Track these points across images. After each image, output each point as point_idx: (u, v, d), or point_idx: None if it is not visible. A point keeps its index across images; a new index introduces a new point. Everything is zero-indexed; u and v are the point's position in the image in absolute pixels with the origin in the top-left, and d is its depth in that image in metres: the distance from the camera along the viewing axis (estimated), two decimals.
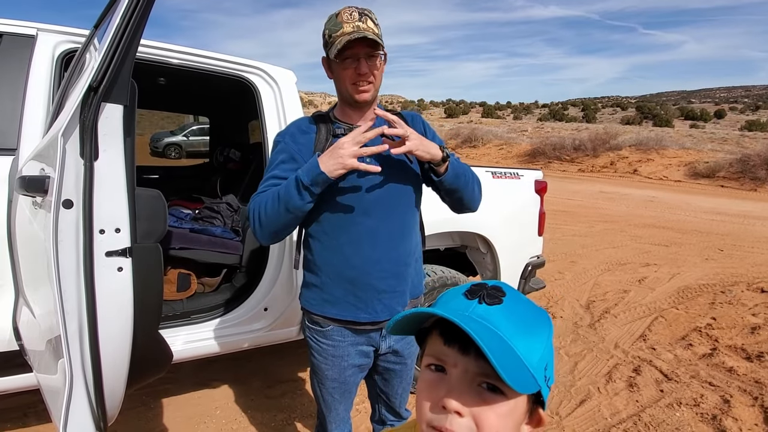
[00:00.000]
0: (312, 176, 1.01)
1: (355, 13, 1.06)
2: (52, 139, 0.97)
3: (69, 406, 0.96)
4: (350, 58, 1.07)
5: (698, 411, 2.13)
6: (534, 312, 0.50)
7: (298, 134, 1.17)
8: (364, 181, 1.12)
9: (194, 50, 1.88)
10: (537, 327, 0.48)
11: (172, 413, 2.05)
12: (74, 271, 0.94)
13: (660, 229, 6.57)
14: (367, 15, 1.08)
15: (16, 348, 1.44)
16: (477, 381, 0.46)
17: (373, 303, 1.14)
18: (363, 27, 1.05)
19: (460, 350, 0.47)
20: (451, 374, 0.47)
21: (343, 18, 1.06)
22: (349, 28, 1.04)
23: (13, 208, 1.43)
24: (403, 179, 1.17)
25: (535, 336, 0.47)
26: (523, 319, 0.48)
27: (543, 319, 0.50)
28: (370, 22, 1.07)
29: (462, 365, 0.47)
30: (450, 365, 0.47)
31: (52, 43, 1.59)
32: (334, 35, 1.05)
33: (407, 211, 1.20)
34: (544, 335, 0.48)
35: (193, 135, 12.51)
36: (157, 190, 1.22)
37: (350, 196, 1.12)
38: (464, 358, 0.46)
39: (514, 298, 0.49)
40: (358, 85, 1.09)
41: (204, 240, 2.16)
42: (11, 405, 1.98)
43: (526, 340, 0.45)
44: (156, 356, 1.20)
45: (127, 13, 0.91)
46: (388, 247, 1.14)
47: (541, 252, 2.72)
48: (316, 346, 1.21)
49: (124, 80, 0.92)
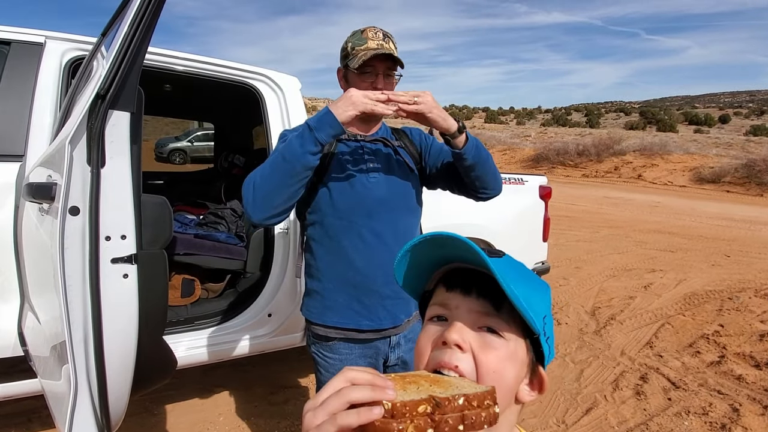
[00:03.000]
0: (319, 117, 0.96)
1: (380, 33, 1.14)
2: (59, 146, 0.98)
3: (73, 413, 0.96)
4: (370, 72, 1.11)
5: (707, 420, 2.10)
6: (532, 274, 0.52)
7: None
8: (368, 183, 1.13)
9: (199, 57, 1.90)
10: (535, 282, 0.50)
11: (175, 419, 2.04)
12: (80, 278, 0.94)
13: (665, 234, 6.52)
14: (389, 37, 1.15)
15: (21, 353, 1.44)
16: (478, 322, 0.47)
17: (377, 309, 1.13)
18: (386, 46, 1.12)
19: (462, 292, 0.48)
20: (453, 315, 0.48)
21: (368, 35, 1.12)
22: (373, 45, 1.11)
23: (19, 214, 1.44)
24: (406, 182, 1.19)
25: (533, 287, 0.48)
26: (523, 272, 0.49)
27: (541, 280, 0.52)
28: (392, 44, 1.14)
29: (464, 305, 0.48)
30: (452, 308, 0.48)
31: (59, 50, 1.61)
32: (358, 48, 1.11)
33: (410, 214, 1.21)
34: (542, 290, 0.50)
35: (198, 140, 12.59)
36: (162, 197, 1.23)
37: (354, 199, 1.12)
38: (466, 299, 0.48)
39: (512, 259, 0.51)
40: None
41: (208, 245, 2.17)
42: (16, 410, 1.98)
43: (525, 287, 0.46)
44: (161, 363, 1.20)
45: (135, 22, 0.92)
46: (392, 252, 1.13)
47: (546, 258, 2.71)
48: (322, 362, 1.18)
49: (131, 88, 0.93)
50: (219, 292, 2.21)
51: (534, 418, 2.13)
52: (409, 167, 1.21)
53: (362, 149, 1.17)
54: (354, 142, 1.17)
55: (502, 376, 0.45)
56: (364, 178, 1.14)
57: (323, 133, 0.96)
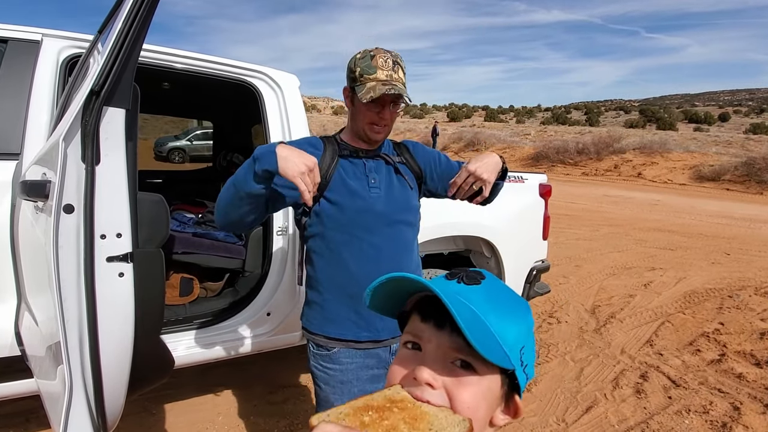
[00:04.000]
0: (266, 150, 0.95)
1: (390, 60, 1.09)
2: (54, 144, 0.97)
3: (68, 413, 0.95)
4: (376, 102, 1.10)
5: (708, 418, 2.10)
6: (513, 298, 0.49)
7: (306, 146, 1.15)
8: (368, 198, 1.14)
9: (198, 55, 1.88)
10: (513, 310, 0.48)
11: (173, 419, 2.03)
12: (75, 277, 0.93)
13: (665, 232, 6.52)
14: (399, 64, 1.11)
15: (18, 353, 1.43)
16: (450, 357, 0.46)
17: (374, 321, 1.14)
18: (395, 77, 1.09)
19: (435, 325, 0.47)
20: (426, 349, 0.47)
21: (378, 63, 1.08)
22: (383, 76, 1.07)
23: (16, 213, 1.43)
24: (405, 197, 1.20)
25: (510, 316, 0.47)
26: (499, 300, 0.48)
27: (521, 305, 0.50)
28: (401, 71, 1.11)
29: (436, 340, 0.46)
30: (425, 341, 0.47)
31: (56, 48, 1.59)
32: (367, 76, 1.08)
33: (409, 228, 1.22)
34: (520, 318, 0.48)
35: (197, 139, 12.56)
36: (159, 195, 1.22)
37: (355, 213, 1.13)
38: (439, 333, 0.46)
39: (493, 283, 0.49)
40: (375, 127, 1.14)
41: (207, 244, 2.16)
42: (14, 410, 1.97)
43: (501, 318, 0.45)
44: (158, 362, 1.19)
45: (130, 17, 0.91)
46: (392, 265, 1.14)
47: (546, 256, 2.70)
48: (322, 375, 1.17)
49: (126, 84, 0.92)
50: (218, 291, 2.20)
51: (534, 416, 2.12)
52: (408, 184, 1.22)
53: (364, 165, 1.18)
54: (356, 158, 1.18)
55: (476, 411, 0.44)
56: (365, 193, 1.15)
57: (261, 168, 0.94)
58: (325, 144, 1.20)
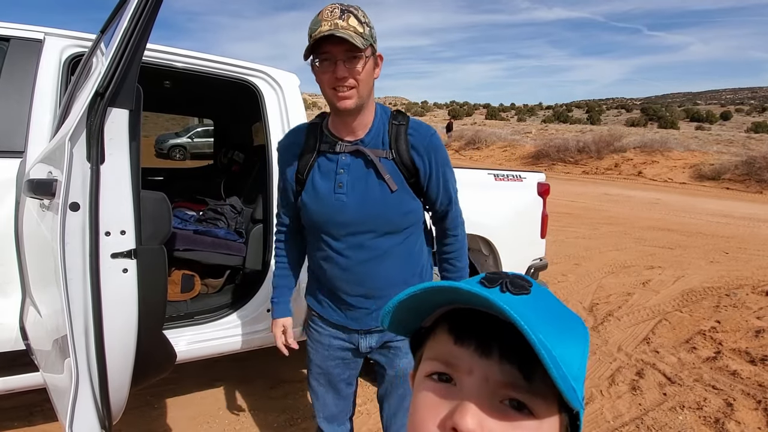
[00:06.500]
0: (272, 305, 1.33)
1: (337, 9, 0.95)
2: (59, 143, 0.99)
3: (75, 405, 0.97)
4: (328, 60, 0.97)
5: (701, 414, 2.12)
6: (568, 312, 0.38)
7: (288, 147, 1.16)
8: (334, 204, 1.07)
9: (198, 54, 1.90)
10: (574, 329, 0.37)
11: (175, 413, 2.07)
12: (80, 273, 0.96)
13: (664, 231, 6.54)
14: (351, 12, 0.95)
15: (23, 347, 1.46)
16: (500, 395, 0.34)
17: (346, 312, 1.18)
18: (342, 25, 0.93)
19: (479, 351, 0.35)
20: (464, 384, 0.35)
21: (323, 15, 0.95)
22: (326, 27, 0.93)
23: (20, 210, 1.45)
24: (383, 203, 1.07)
25: (572, 339, 0.35)
26: (558, 316, 0.36)
27: (579, 323, 0.38)
28: (353, 19, 0.95)
29: (480, 371, 0.35)
30: (462, 372, 0.35)
31: (59, 47, 1.61)
32: (313, 35, 0.95)
33: (388, 236, 1.10)
34: (581, 341, 0.37)
35: (198, 137, 12.58)
36: (161, 193, 1.24)
37: (320, 218, 1.10)
38: (483, 362, 0.34)
39: (542, 291, 0.38)
40: (338, 90, 0.98)
41: (208, 241, 2.18)
42: (18, 404, 2.01)
43: (563, 341, 0.33)
44: (160, 356, 1.22)
45: (134, 20, 0.93)
46: (363, 272, 1.11)
47: (544, 254, 2.72)
48: (309, 333, 1.28)
49: (130, 86, 0.94)
50: (218, 287, 2.23)
51: None
52: (389, 186, 1.05)
53: (336, 164, 1.08)
54: (332, 155, 1.08)
55: None
56: (329, 198, 1.07)
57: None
58: (307, 137, 1.12)
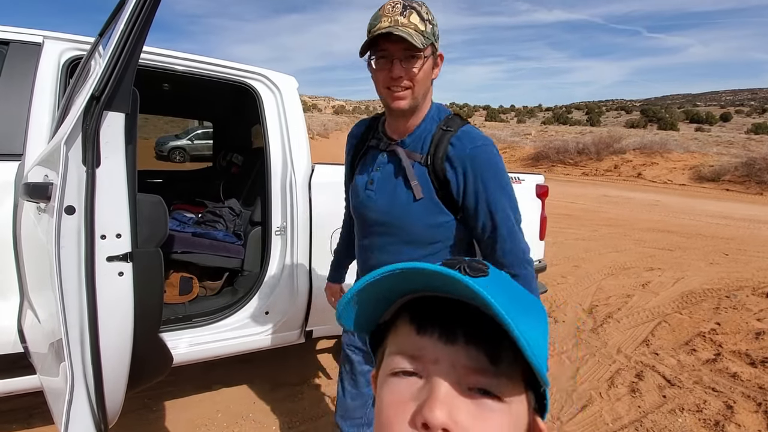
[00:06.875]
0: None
1: (399, 5, 0.91)
2: (55, 146, 1.00)
3: (70, 408, 0.97)
4: (384, 58, 0.93)
5: (701, 417, 2.12)
6: (524, 292, 0.38)
7: (351, 137, 1.20)
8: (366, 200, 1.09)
9: (198, 57, 1.91)
10: (534, 309, 0.37)
11: (173, 416, 2.06)
12: (76, 276, 0.96)
13: (664, 233, 6.53)
14: (413, 8, 0.91)
15: (21, 350, 1.46)
16: (468, 382, 0.33)
17: None
18: (402, 22, 0.89)
19: (443, 338, 0.34)
20: (431, 375, 0.33)
21: (384, 10, 0.91)
22: (385, 23, 0.89)
23: (18, 213, 1.45)
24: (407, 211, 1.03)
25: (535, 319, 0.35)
26: (518, 297, 0.36)
27: (537, 303, 0.38)
28: (415, 16, 0.90)
29: (446, 359, 0.33)
30: (428, 362, 0.34)
31: (58, 50, 1.62)
32: (372, 31, 0.91)
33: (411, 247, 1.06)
34: (543, 320, 0.37)
35: (198, 139, 12.60)
36: (158, 196, 1.24)
37: (353, 210, 1.16)
38: (449, 349, 0.33)
39: (498, 273, 0.37)
40: (392, 90, 0.95)
41: (206, 244, 2.18)
42: (17, 406, 2.00)
43: (528, 321, 0.32)
44: (156, 360, 1.22)
45: (130, 24, 0.93)
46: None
47: (543, 256, 2.72)
48: None
49: (125, 89, 0.95)
50: (217, 290, 2.23)
51: None
52: (414, 193, 0.99)
53: (375, 161, 1.06)
54: (376, 151, 1.07)
55: None
56: (363, 193, 1.08)
57: None
58: (367, 130, 1.14)
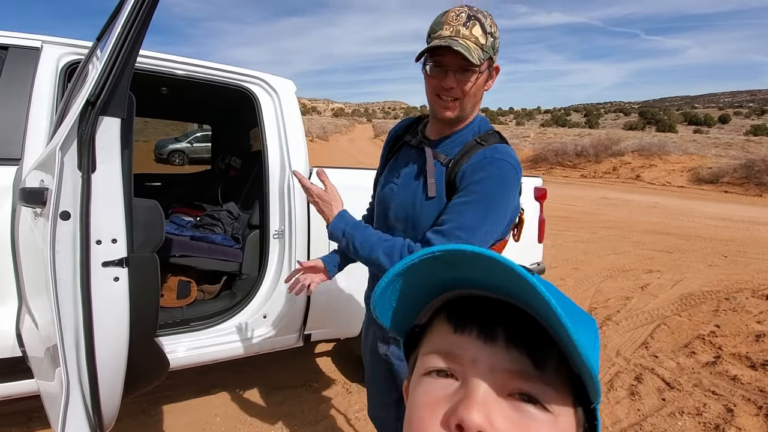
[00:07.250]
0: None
1: (464, 14, 0.89)
2: (51, 152, 1.00)
3: (66, 413, 0.97)
4: (439, 66, 0.92)
5: (701, 420, 2.11)
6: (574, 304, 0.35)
7: (392, 132, 1.20)
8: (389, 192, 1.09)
9: (197, 61, 1.92)
10: (586, 319, 0.33)
11: (171, 420, 2.05)
12: (71, 281, 0.95)
13: (663, 235, 6.53)
14: (477, 19, 0.89)
15: (20, 354, 1.46)
16: (509, 388, 0.30)
17: None
18: (464, 33, 0.87)
19: (482, 337, 0.31)
20: (468, 377, 0.31)
21: (448, 18, 0.90)
22: (446, 32, 0.88)
23: (16, 217, 1.45)
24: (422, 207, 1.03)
25: (587, 329, 0.32)
26: (570, 305, 0.32)
27: (588, 315, 0.35)
28: (478, 28, 0.89)
29: (485, 360, 0.31)
30: (465, 363, 0.31)
31: (56, 54, 1.62)
32: (433, 35, 0.90)
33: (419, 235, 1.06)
34: (594, 333, 0.33)
35: (197, 142, 12.61)
36: (153, 201, 1.24)
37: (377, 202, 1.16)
38: (488, 349, 0.31)
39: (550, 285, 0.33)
40: (442, 99, 0.95)
41: (204, 247, 2.18)
42: (16, 410, 2.00)
43: (580, 329, 0.29)
44: (153, 365, 1.21)
45: (125, 29, 0.93)
46: None
47: (542, 259, 2.72)
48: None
49: (121, 94, 0.95)
50: (215, 293, 2.23)
51: None
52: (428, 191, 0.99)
53: (406, 156, 1.08)
54: (408, 147, 1.08)
55: None
56: (386, 185, 1.09)
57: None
58: (407, 128, 1.15)
